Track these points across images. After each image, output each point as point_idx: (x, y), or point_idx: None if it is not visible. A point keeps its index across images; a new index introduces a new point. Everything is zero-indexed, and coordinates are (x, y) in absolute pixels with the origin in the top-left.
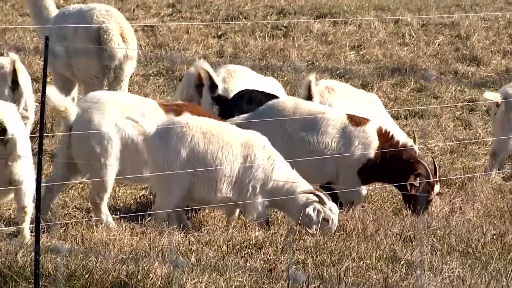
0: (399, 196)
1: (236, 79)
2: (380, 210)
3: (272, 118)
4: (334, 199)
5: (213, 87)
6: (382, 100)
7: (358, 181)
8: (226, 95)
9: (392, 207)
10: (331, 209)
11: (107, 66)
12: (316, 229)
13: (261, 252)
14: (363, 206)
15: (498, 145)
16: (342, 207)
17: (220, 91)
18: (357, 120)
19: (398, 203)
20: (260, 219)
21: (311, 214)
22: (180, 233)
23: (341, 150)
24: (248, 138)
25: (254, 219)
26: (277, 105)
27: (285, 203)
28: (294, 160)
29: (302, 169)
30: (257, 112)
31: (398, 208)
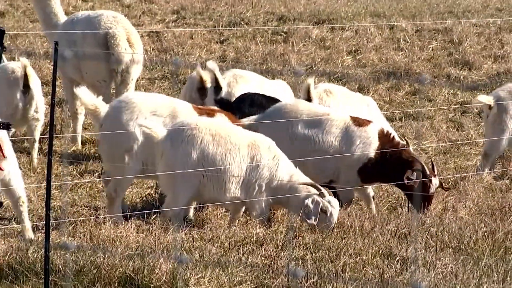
0: (395, 195)
1: (240, 84)
2: (376, 208)
3: (280, 119)
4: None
5: (218, 89)
6: (378, 103)
7: (358, 180)
8: (229, 99)
9: (388, 205)
10: (330, 202)
11: (114, 70)
12: (315, 219)
13: (262, 249)
14: (360, 205)
15: (490, 146)
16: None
17: (224, 94)
18: (360, 121)
19: (393, 202)
20: (263, 216)
21: (310, 205)
22: (184, 230)
23: (343, 149)
24: (255, 139)
25: (258, 216)
26: (285, 107)
27: (287, 199)
28: (299, 160)
29: (307, 168)
30: (266, 114)
31: (394, 207)
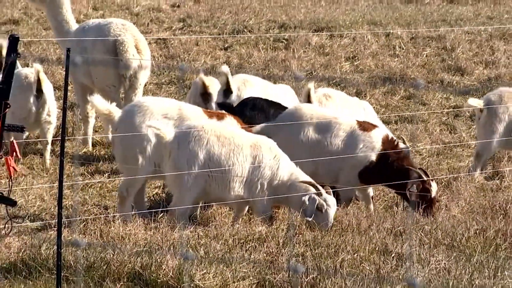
0: (390, 194)
1: (248, 88)
2: (373, 207)
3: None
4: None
5: (228, 92)
6: (374, 107)
7: (358, 182)
8: (233, 102)
9: (384, 204)
10: (326, 200)
11: (123, 75)
12: (311, 216)
13: (264, 246)
14: (357, 204)
15: (482, 147)
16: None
17: (234, 97)
18: (365, 126)
19: (389, 201)
20: (265, 215)
21: (306, 202)
22: (190, 228)
23: (347, 152)
24: (257, 140)
25: (261, 215)
26: (296, 112)
27: (288, 197)
28: (305, 160)
29: (317, 169)
30: (279, 118)
31: (389, 205)
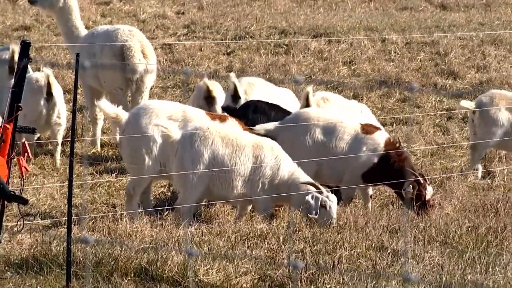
0: (386, 193)
1: (254, 91)
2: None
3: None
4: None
5: (236, 98)
6: (371, 109)
7: (360, 182)
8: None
9: (380, 203)
10: (328, 197)
11: (130, 79)
12: (316, 214)
13: (265, 242)
14: (355, 202)
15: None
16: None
17: (242, 102)
18: (368, 129)
19: (385, 199)
20: (267, 213)
21: (310, 201)
22: (194, 226)
23: (351, 154)
24: (259, 141)
25: (262, 213)
26: (302, 115)
27: (289, 195)
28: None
29: (322, 170)
30: (286, 120)
31: (385, 204)
